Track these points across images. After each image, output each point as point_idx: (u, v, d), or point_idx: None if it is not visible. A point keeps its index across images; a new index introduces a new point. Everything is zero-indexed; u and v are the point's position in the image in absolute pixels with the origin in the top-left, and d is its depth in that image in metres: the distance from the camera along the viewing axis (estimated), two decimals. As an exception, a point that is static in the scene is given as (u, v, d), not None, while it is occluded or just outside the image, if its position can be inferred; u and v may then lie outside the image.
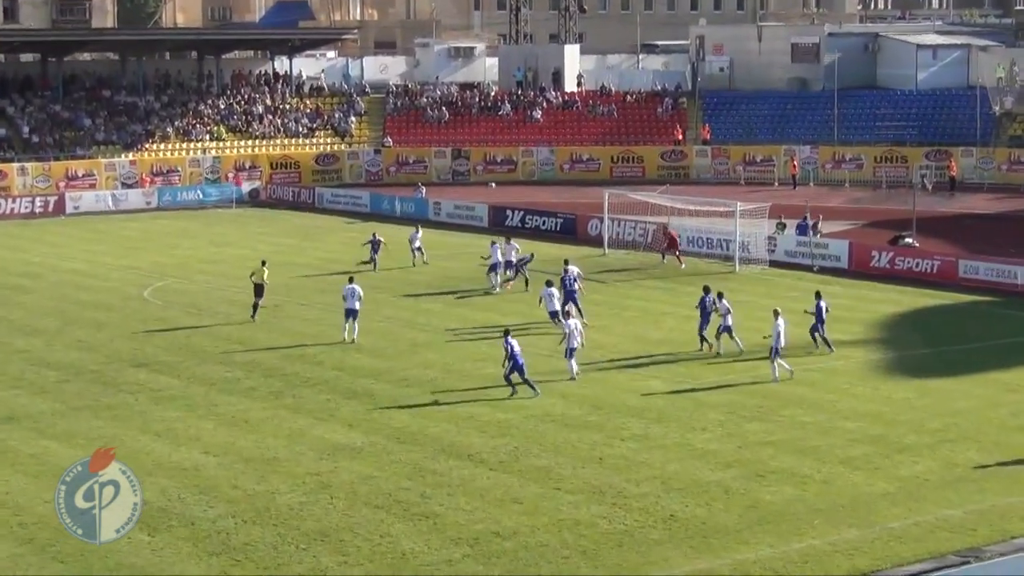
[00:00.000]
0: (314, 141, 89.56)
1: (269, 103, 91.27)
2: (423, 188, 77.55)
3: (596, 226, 64.40)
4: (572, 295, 45.26)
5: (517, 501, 27.90)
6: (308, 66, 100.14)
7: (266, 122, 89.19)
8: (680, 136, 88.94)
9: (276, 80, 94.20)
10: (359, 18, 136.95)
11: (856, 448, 31.48)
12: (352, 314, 42.68)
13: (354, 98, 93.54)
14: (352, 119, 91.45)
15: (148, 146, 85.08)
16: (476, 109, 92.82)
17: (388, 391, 36.86)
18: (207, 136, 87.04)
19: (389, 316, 47.16)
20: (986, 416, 34.37)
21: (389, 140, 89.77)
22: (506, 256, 52.07)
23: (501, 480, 29.26)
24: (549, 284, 44.28)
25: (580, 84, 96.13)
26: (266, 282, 46.50)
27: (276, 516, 27.11)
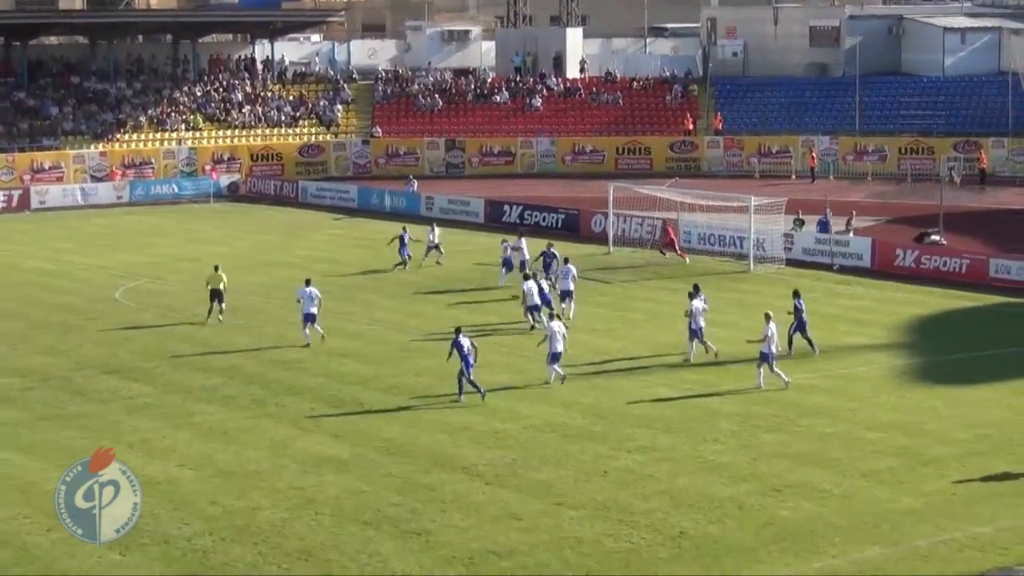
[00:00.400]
0: (297, 131, 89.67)
1: (249, 90, 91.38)
2: (415, 182, 77.49)
3: (600, 222, 64.45)
4: (568, 294, 45.94)
5: (515, 517, 27.91)
6: (291, 50, 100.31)
7: (246, 111, 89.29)
8: (690, 126, 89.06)
9: (256, 65, 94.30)
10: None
11: (879, 461, 31.49)
12: (310, 318, 42.78)
13: (340, 85, 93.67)
14: (338, 107, 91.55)
15: (119, 136, 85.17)
16: (471, 97, 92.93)
17: (377, 399, 36.87)
18: (183, 126, 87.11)
19: (379, 319, 47.19)
20: (1019, 427, 34.37)
21: (378, 130, 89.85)
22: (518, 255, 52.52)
23: (498, 495, 29.27)
24: (527, 278, 44.88)
25: (583, 70, 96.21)
26: (224, 288, 46.39)
27: (257, 534, 27.10)
